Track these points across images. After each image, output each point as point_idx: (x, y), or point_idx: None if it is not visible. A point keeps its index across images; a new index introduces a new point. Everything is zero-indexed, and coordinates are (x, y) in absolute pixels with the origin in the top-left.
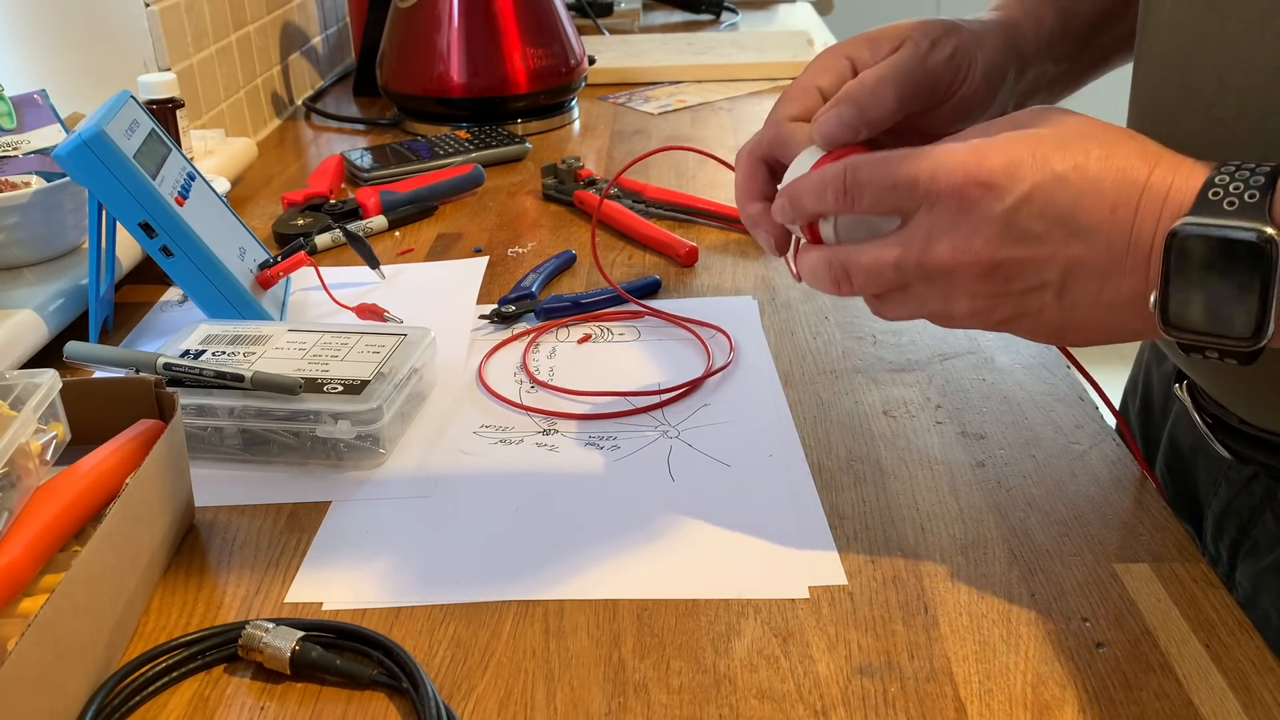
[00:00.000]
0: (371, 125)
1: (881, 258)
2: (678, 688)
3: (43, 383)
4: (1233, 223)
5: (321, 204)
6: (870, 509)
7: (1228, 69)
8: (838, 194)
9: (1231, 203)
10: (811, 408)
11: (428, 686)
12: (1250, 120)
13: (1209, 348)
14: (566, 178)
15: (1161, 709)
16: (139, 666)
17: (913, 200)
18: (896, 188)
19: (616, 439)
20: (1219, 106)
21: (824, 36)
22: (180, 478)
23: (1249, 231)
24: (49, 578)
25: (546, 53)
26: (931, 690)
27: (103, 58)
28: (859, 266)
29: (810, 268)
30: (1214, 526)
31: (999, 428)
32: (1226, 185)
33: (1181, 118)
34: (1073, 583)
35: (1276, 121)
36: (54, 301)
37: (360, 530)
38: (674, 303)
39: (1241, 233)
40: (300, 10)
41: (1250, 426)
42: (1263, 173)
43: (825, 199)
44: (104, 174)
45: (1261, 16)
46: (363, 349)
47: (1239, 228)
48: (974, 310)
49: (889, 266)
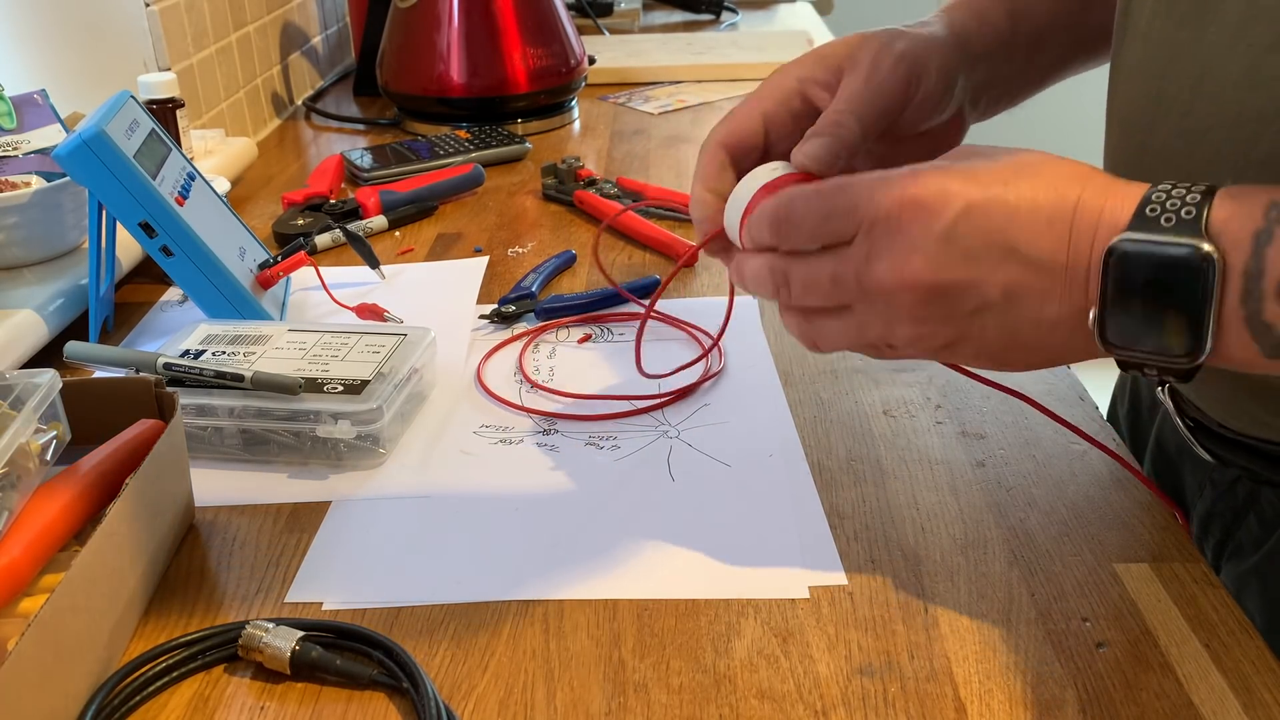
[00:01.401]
0: (371, 125)
1: (819, 269)
2: (678, 688)
3: (43, 383)
4: (1170, 239)
5: (321, 204)
6: (870, 509)
7: (1201, 79)
8: (775, 229)
9: (1169, 219)
10: (811, 408)
11: (428, 686)
12: (1223, 130)
13: (1147, 365)
14: (566, 178)
15: (1161, 709)
16: (139, 666)
17: (851, 225)
18: (830, 218)
19: (616, 439)
20: (1193, 116)
21: (824, 36)
22: (180, 478)
23: (1186, 248)
24: (49, 578)
25: (546, 53)
26: (931, 690)
27: (103, 58)
28: (798, 274)
29: (753, 272)
30: (1199, 528)
31: (999, 428)
32: (1163, 202)
33: (1156, 126)
34: (1073, 583)
35: (1249, 131)
36: (54, 301)
37: (360, 530)
38: (674, 303)
39: (1178, 249)
40: (300, 10)
41: (1230, 431)
42: (1199, 190)
43: (763, 235)
44: (104, 174)
45: (1235, 28)
46: (363, 349)
47: (1176, 244)
48: (917, 335)
49: (826, 278)
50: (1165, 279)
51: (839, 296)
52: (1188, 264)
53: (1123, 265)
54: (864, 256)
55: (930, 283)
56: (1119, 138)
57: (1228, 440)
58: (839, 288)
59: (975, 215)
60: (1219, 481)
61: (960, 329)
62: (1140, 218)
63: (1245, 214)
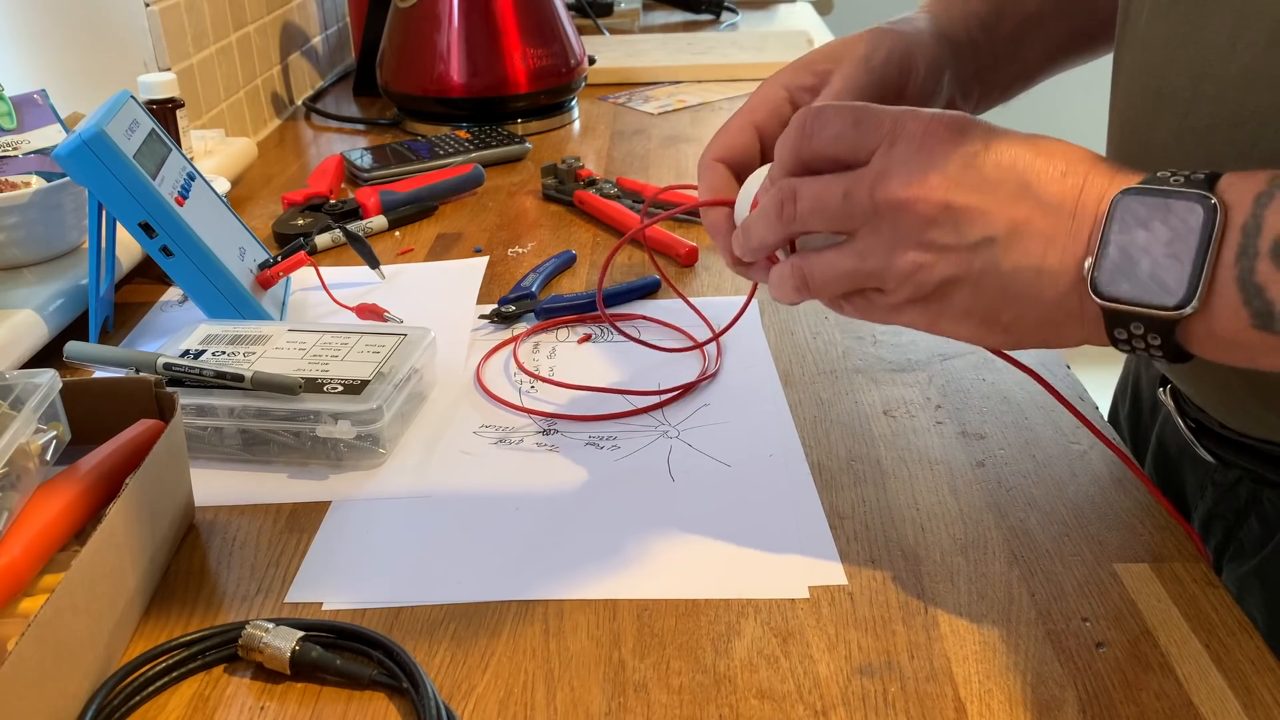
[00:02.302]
0: (371, 125)
1: (832, 184)
2: (678, 688)
3: (43, 383)
4: (1180, 189)
5: (321, 204)
6: (870, 509)
7: (1200, 78)
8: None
9: (1178, 180)
10: (811, 408)
11: (428, 686)
12: (1223, 129)
13: (1134, 319)
14: (566, 178)
15: (1161, 709)
16: (139, 666)
17: (875, 137)
18: (860, 123)
19: (616, 439)
20: (1192, 115)
21: (824, 37)
22: (180, 478)
23: (1191, 196)
24: (49, 578)
25: (546, 53)
26: (931, 690)
27: (103, 58)
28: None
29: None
30: (1200, 529)
31: (999, 427)
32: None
33: (1156, 125)
34: (1073, 583)
35: (1249, 130)
36: (54, 301)
37: (360, 530)
38: (674, 303)
39: (1184, 197)
40: (300, 10)
41: (1232, 431)
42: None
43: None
44: (104, 174)
45: (1233, 27)
46: (363, 349)
47: (1185, 193)
48: (916, 265)
49: (839, 192)
50: (1166, 221)
51: (847, 218)
52: (1190, 211)
53: (1127, 207)
54: (880, 171)
55: (942, 200)
56: (1119, 136)
57: (1229, 441)
58: (849, 203)
59: (997, 149)
60: (1220, 483)
61: (960, 264)
62: (1151, 179)
63: (1250, 179)
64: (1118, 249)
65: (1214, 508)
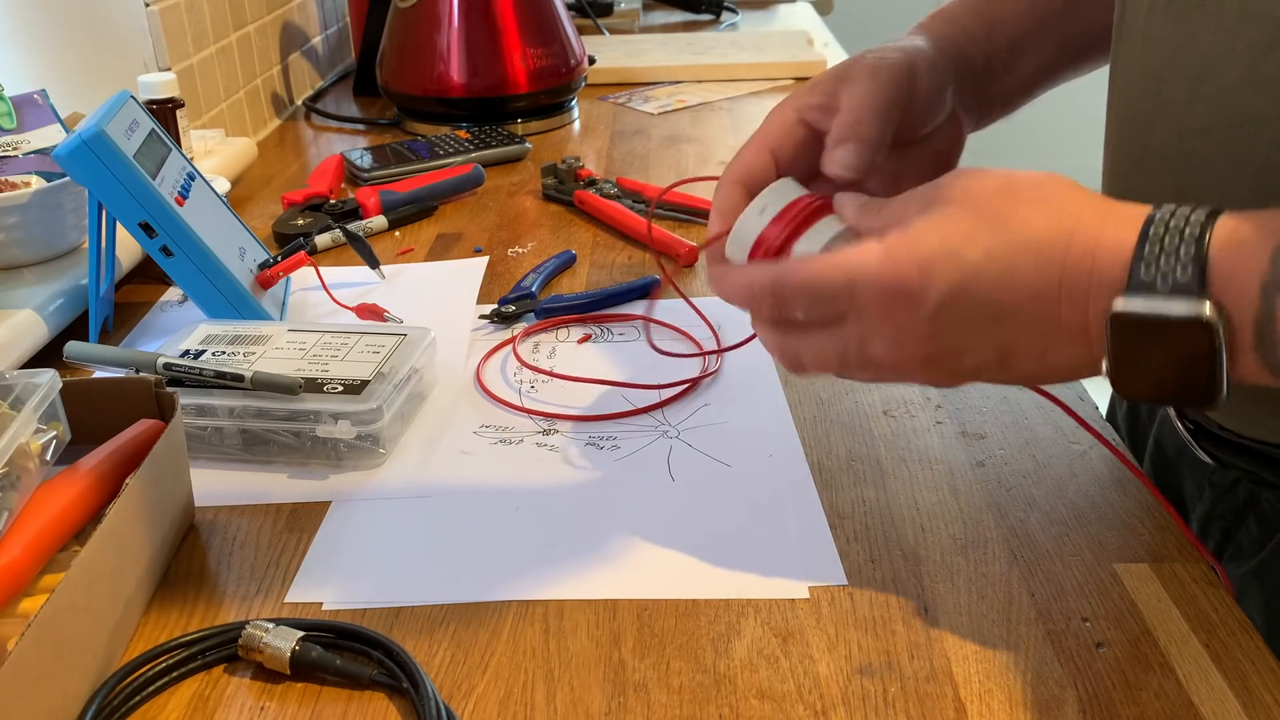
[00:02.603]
0: (371, 125)
1: (825, 351)
2: (678, 688)
3: (43, 383)
4: (1170, 303)
5: (321, 204)
6: (870, 509)
7: (1199, 80)
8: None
9: (1165, 278)
10: (811, 407)
11: (428, 686)
12: (1222, 130)
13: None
14: (566, 178)
15: (1161, 709)
16: (139, 666)
17: (840, 308)
18: (819, 300)
19: (616, 439)
20: (1191, 117)
21: (824, 37)
22: (180, 478)
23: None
24: (49, 578)
25: (546, 53)
26: (931, 690)
27: (103, 58)
28: (808, 353)
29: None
30: (1199, 530)
31: (999, 428)
32: (1157, 258)
33: (1155, 126)
34: (1073, 583)
35: (1248, 131)
36: (54, 301)
37: (360, 530)
38: (674, 303)
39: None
40: (300, 10)
41: (1230, 433)
42: (1193, 239)
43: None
44: (104, 174)
45: (1233, 28)
46: (363, 349)
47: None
48: (931, 381)
49: (833, 360)
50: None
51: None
52: (1192, 329)
53: (1128, 334)
54: (859, 338)
55: (927, 354)
56: (1119, 138)
57: (1228, 442)
58: (845, 366)
59: (958, 295)
60: (1218, 484)
61: (970, 377)
62: (1136, 283)
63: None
64: (1130, 366)
65: (1212, 509)
